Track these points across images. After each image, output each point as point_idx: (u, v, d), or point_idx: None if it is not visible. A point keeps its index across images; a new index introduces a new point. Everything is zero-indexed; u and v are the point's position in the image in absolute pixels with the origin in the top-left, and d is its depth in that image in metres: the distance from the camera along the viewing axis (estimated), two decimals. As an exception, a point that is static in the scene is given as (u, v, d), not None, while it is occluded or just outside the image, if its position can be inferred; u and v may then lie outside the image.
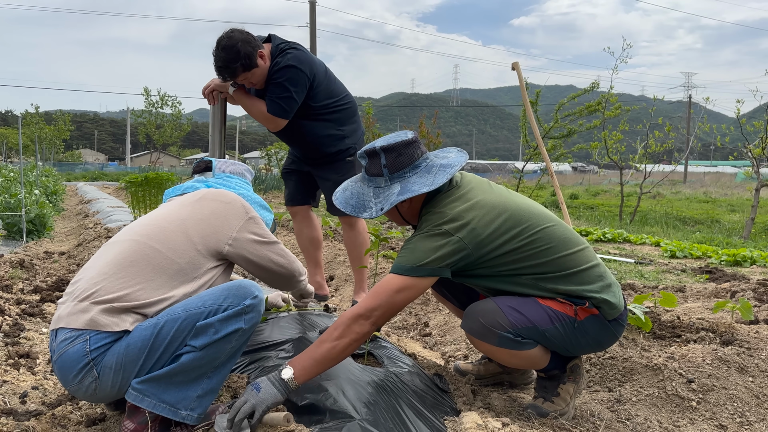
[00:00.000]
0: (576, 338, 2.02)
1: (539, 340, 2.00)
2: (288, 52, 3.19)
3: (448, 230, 1.91)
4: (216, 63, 3.12)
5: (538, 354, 2.04)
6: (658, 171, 13.37)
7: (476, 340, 2.03)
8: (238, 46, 3.04)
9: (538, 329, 1.97)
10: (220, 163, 2.37)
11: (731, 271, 5.45)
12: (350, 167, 3.47)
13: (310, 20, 26.08)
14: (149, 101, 36.33)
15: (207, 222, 1.97)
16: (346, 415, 1.79)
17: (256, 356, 2.17)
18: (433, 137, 18.27)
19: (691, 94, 54.34)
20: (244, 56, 3.05)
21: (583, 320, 2.01)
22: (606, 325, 2.05)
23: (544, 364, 2.12)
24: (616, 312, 2.05)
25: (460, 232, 1.90)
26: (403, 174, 2.01)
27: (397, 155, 2.00)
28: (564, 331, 2.00)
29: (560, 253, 2.00)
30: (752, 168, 10.72)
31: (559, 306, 2.00)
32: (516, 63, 4.00)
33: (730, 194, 23.03)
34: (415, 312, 3.79)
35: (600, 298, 2.01)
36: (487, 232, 1.93)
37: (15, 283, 3.88)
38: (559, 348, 2.07)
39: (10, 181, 10.40)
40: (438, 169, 2.02)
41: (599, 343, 2.13)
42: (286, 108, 3.20)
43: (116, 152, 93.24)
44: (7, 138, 45.75)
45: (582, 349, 2.13)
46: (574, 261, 2.03)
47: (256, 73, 3.17)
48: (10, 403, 2.08)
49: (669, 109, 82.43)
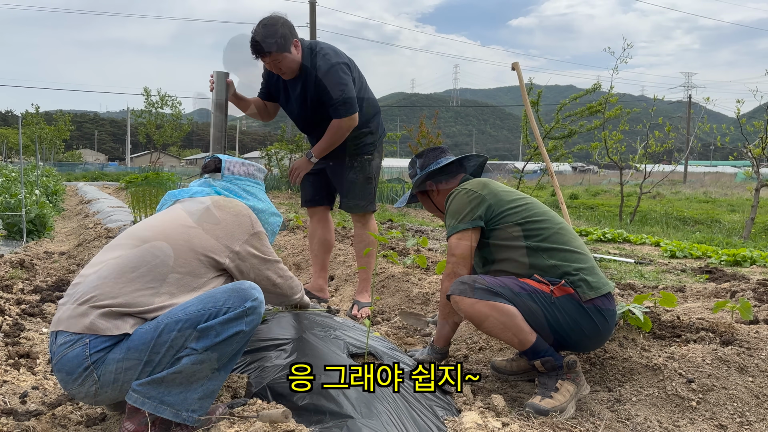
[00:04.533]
0: (554, 315, 2.20)
1: (512, 299, 2.20)
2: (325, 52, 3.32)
3: (471, 189, 2.49)
4: (253, 39, 3.17)
5: (517, 315, 2.17)
6: (658, 171, 13.37)
7: (458, 297, 2.26)
8: (278, 26, 3.17)
9: (512, 290, 2.23)
10: (229, 163, 2.34)
11: (731, 271, 5.45)
12: (367, 165, 3.56)
13: (310, 20, 26.09)
14: (149, 101, 36.34)
15: (212, 233, 1.98)
16: (346, 414, 1.79)
17: (257, 356, 2.17)
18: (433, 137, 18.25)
19: (691, 94, 54.33)
20: (281, 36, 3.15)
21: (559, 297, 2.21)
22: (581, 308, 2.21)
23: (531, 338, 2.19)
24: (594, 293, 2.22)
25: (483, 191, 2.47)
26: (428, 169, 2.71)
27: (426, 158, 2.75)
28: (538, 302, 2.20)
29: (554, 228, 2.37)
30: (752, 168, 10.72)
31: (536, 284, 2.25)
32: (516, 63, 4.00)
33: (730, 194, 23.04)
34: (415, 312, 3.79)
35: (578, 277, 2.24)
36: (502, 193, 2.47)
37: (15, 283, 3.88)
38: (540, 324, 2.19)
39: (11, 181, 10.40)
40: (444, 159, 2.71)
41: (578, 325, 2.21)
42: (353, 101, 3.29)
43: (116, 152, 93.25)
44: (8, 138, 45.77)
45: (561, 327, 2.21)
46: (564, 238, 2.35)
47: (286, 58, 3.23)
48: (10, 403, 2.08)
49: (669, 109, 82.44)
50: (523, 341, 2.19)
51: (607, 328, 2.28)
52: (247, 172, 2.36)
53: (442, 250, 6.21)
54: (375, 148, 3.60)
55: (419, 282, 4.19)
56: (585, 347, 2.37)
